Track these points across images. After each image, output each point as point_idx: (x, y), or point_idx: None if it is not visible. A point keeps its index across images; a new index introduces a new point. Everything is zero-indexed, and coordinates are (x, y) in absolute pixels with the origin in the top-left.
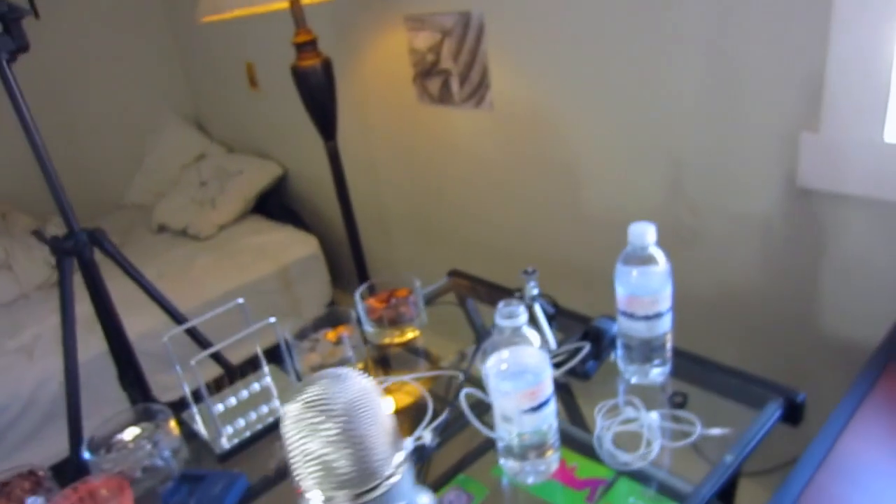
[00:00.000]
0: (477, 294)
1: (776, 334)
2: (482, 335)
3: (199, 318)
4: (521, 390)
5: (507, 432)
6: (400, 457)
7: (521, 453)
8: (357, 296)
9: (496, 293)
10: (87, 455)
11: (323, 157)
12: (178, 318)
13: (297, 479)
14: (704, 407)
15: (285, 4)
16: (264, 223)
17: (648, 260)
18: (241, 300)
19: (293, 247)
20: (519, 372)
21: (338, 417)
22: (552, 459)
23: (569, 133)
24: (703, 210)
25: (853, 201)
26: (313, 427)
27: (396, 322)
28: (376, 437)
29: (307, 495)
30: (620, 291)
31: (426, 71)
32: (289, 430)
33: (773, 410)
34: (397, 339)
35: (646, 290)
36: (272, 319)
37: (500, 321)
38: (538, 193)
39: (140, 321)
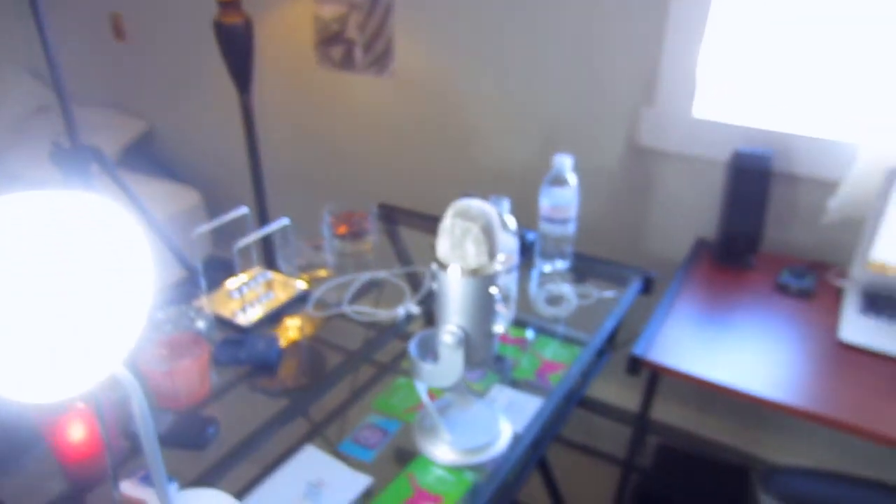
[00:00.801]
0: (405, 223)
1: (624, 248)
2: (405, 258)
3: (204, 225)
4: (506, 255)
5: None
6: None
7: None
8: (326, 217)
9: (425, 222)
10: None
11: (196, 111)
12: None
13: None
14: (594, 286)
15: None
16: (135, 178)
17: (566, 181)
18: (245, 209)
19: (172, 201)
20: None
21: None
22: (509, 313)
23: (464, 100)
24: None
25: (672, 156)
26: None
27: (359, 235)
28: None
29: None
30: (545, 203)
31: (329, 39)
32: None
33: (638, 284)
34: (362, 249)
35: (563, 200)
36: (245, 209)
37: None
38: (433, 152)
39: None
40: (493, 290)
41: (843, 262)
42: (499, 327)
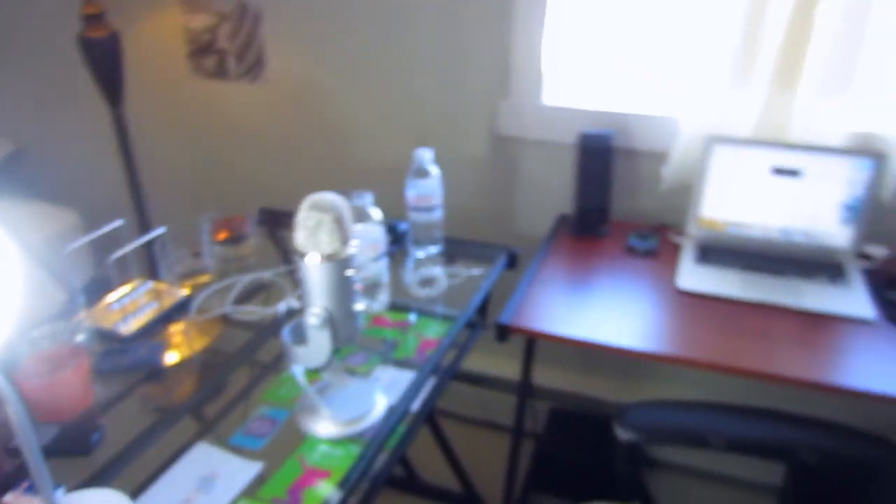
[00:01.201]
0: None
1: (495, 230)
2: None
3: (81, 239)
4: (369, 243)
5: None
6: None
7: (365, 291)
8: (205, 224)
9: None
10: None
11: (67, 128)
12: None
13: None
14: (464, 266)
15: None
16: (3, 201)
17: (428, 172)
18: (121, 221)
19: (48, 223)
20: (369, 237)
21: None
22: (383, 297)
23: (337, 102)
24: (440, 154)
25: (529, 142)
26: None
27: (239, 239)
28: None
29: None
30: (411, 194)
31: (201, 49)
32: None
33: (503, 260)
34: (244, 252)
35: (427, 189)
36: (119, 222)
37: (357, 202)
38: (311, 154)
39: None
40: (350, 272)
41: (680, 223)
42: (359, 305)
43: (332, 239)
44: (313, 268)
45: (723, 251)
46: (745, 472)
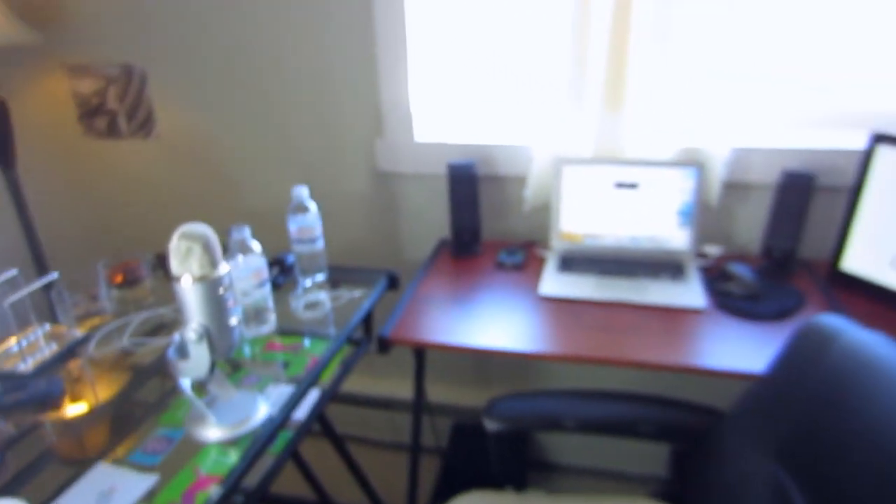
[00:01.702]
0: None
1: (382, 259)
2: None
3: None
4: (251, 272)
5: (241, 305)
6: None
7: (251, 316)
8: (100, 268)
9: None
10: None
11: None
12: None
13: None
14: (348, 290)
15: None
16: None
17: (306, 208)
18: (15, 271)
19: None
20: (250, 266)
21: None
22: (271, 321)
23: (224, 151)
24: (324, 192)
25: (406, 176)
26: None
27: (135, 282)
28: (215, 248)
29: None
30: (293, 228)
31: (92, 111)
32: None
33: (384, 282)
34: (140, 294)
35: (307, 223)
36: (14, 271)
37: (236, 235)
38: (201, 200)
39: None
40: (222, 290)
41: (545, 238)
42: (234, 320)
43: (203, 263)
44: (187, 289)
45: (581, 260)
46: (633, 467)
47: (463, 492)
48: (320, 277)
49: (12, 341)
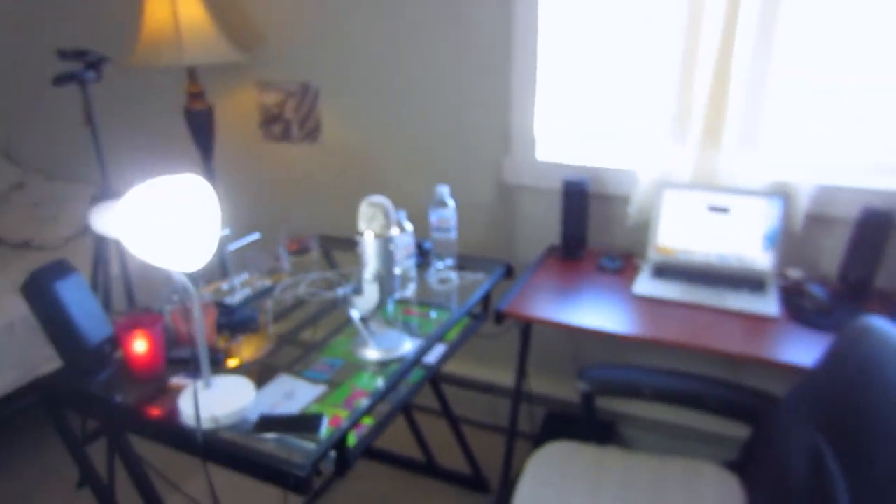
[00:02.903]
0: (336, 246)
1: (500, 253)
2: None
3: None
4: (404, 245)
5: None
6: (396, 230)
7: (400, 280)
8: (281, 237)
9: (350, 244)
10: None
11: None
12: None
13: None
14: (471, 273)
15: (188, 64)
16: None
17: (446, 203)
18: (257, 234)
19: None
20: (403, 241)
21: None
22: (411, 288)
23: (374, 156)
24: (455, 196)
25: (526, 188)
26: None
27: (305, 250)
28: (391, 215)
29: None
30: (434, 218)
31: (271, 119)
32: (363, 209)
33: (501, 270)
34: (308, 261)
35: (445, 215)
36: (257, 235)
37: (394, 215)
38: (354, 194)
39: None
40: (392, 246)
41: (642, 251)
42: (397, 270)
43: (382, 224)
44: (369, 242)
45: (673, 271)
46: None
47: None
48: (450, 262)
49: (222, 282)
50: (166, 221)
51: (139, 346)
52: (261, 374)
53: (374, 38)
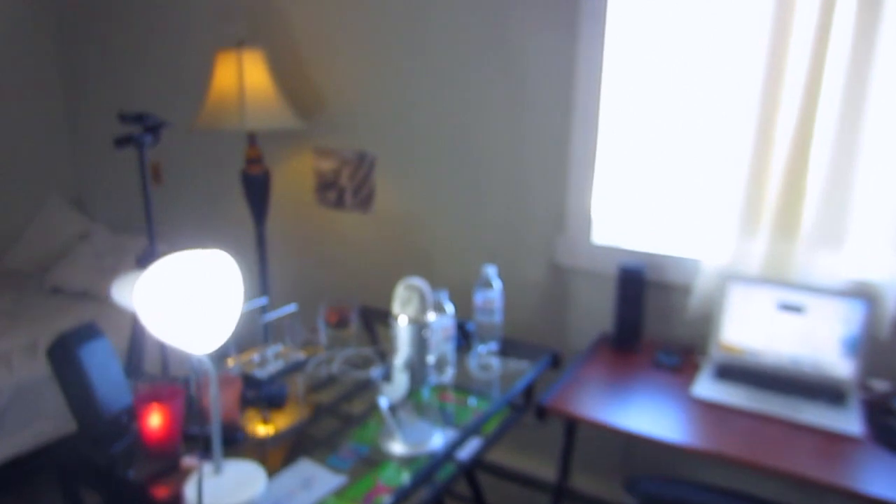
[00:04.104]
0: (378, 319)
1: (546, 341)
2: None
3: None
4: (442, 328)
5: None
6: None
7: (435, 365)
8: (321, 308)
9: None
10: None
11: (221, 239)
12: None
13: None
14: (515, 359)
15: (246, 129)
16: None
17: (491, 283)
18: (294, 306)
19: None
20: (442, 323)
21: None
22: (449, 373)
23: (427, 229)
24: (503, 274)
25: (580, 272)
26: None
27: (344, 323)
28: (427, 300)
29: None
30: (479, 299)
31: (326, 185)
32: (400, 291)
33: (547, 358)
34: (346, 335)
35: (490, 296)
36: (293, 307)
37: (434, 296)
38: (402, 266)
39: None
40: (426, 332)
41: (704, 346)
42: (430, 359)
43: (416, 309)
44: (403, 327)
45: (738, 372)
46: None
47: None
48: (493, 346)
49: (254, 353)
50: (184, 301)
51: (154, 420)
52: (283, 453)
53: (432, 110)
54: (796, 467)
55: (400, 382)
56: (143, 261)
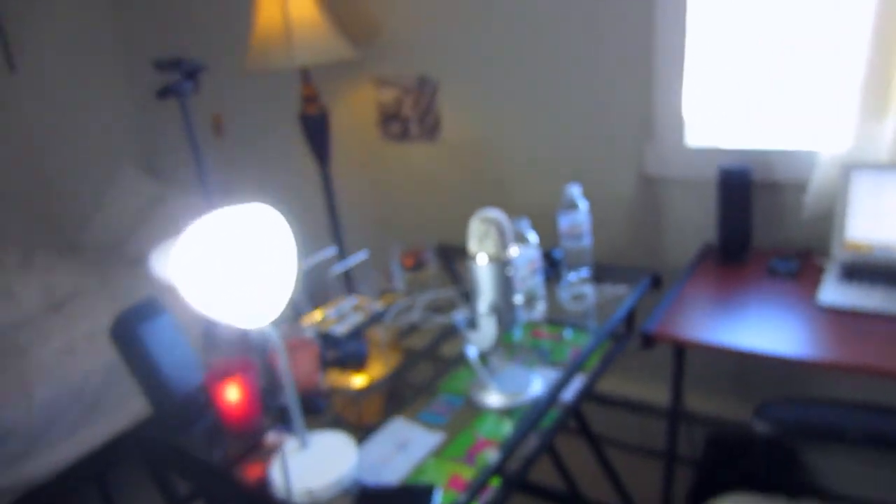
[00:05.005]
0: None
1: (641, 261)
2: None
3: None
4: (527, 261)
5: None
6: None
7: (524, 302)
8: (395, 252)
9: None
10: None
11: (285, 186)
12: None
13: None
14: (611, 286)
15: (300, 66)
16: None
17: (577, 205)
18: (364, 253)
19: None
20: (527, 255)
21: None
22: (540, 309)
23: (499, 152)
24: (589, 193)
25: (672, 181)
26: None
27: (421, 266)
28: (506, 232)
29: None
30: (564, 224)
31: (389, 117)
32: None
33: (646, 281)
34: (424, 277)
35: (576, 220)
36: (334, 249)
37: (516, 226)
38: (477, 198)
39: None
40: (510, 270)
41: (824, 247)
42: (518, 299)
43: (496, 244)
44: (482, 267)
45: (869, 271)
46: None
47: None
48: (585, 273)
49: (330, 308)
50: (228, 269)
51: (230, 396)
52: (373, 413)
53: (495, 23)
54: None
55: (487, 329)
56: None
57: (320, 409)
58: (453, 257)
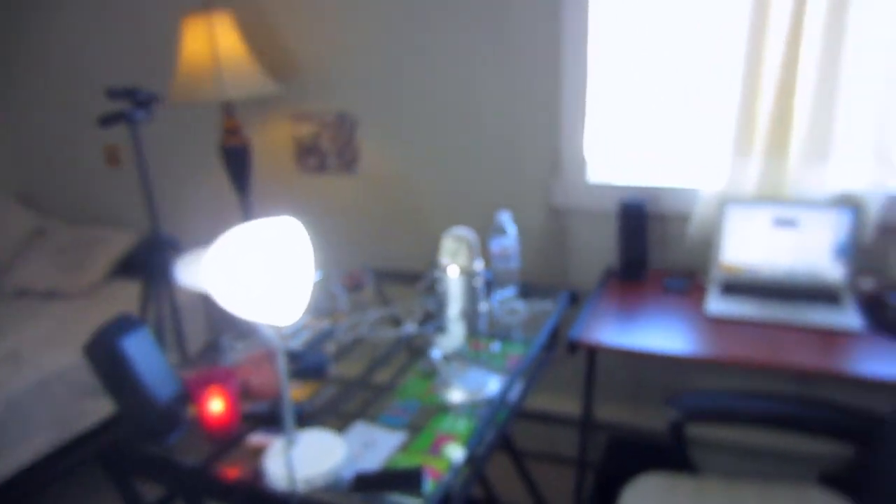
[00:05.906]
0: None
1: (554, 277)
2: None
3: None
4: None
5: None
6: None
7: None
8: (339, 274)
9: (399, 277)
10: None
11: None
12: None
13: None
14: (539, 299)
15: (224, 98)
16: (133, 280)
17: (505, 230)
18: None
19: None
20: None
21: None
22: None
23: (418, 186)
24: None
25: (577, 212)
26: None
27: (359, 286)
28: (474, 249)
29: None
30: (495, 246)
31: (306, 150)
32: (447, 243)
33: (566, 297)
34: (364, 297)
35: (506, 243)
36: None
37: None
38: (397, 228)
39: None
40: (476, 281)
41: (706, 269)
42: (483, 306)
43: (466, 258)
44: (454, 278)
45: (742, 288)
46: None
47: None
48: (512, 292)
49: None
50: (261, 271)
51: (216, 405)
52: (332, 422)
53: (412, 63)
54: (816, 363)
55: (456, 333)
56: (151, 245)
57: (300, 415)
58: (383, 280)
